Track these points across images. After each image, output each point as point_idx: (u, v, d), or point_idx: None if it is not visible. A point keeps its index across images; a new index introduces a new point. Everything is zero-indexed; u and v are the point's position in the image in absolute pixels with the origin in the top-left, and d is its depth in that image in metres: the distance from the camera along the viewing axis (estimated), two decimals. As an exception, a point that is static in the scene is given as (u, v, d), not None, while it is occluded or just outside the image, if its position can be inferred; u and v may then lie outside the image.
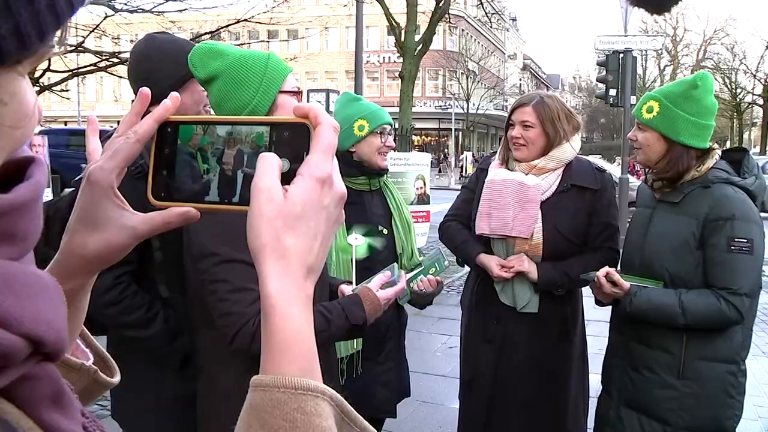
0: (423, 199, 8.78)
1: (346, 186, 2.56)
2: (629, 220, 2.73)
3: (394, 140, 10.80)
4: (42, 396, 0.48)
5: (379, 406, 2.68)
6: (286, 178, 0.64)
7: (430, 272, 2.57)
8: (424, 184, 8.86)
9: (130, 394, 2.24)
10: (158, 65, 2.17)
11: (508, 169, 2.81)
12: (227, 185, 0.69)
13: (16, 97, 0.47)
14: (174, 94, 0.72)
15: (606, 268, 2.48)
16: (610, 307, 2.66)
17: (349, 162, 2.61)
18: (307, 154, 0.65)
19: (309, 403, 0.57)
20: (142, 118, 0.73)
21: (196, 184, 0.70)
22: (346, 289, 2.25)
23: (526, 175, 2.74)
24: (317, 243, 0.64)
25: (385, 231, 2.72)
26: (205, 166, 0.69)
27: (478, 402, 2.87)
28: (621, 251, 2.74)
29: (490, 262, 2.78)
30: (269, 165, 0.64)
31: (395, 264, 2.47)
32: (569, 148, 2.72)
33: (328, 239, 0.65)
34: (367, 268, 2.54)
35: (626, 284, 2.40)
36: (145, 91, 0.73)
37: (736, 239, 2.28)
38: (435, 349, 6.19)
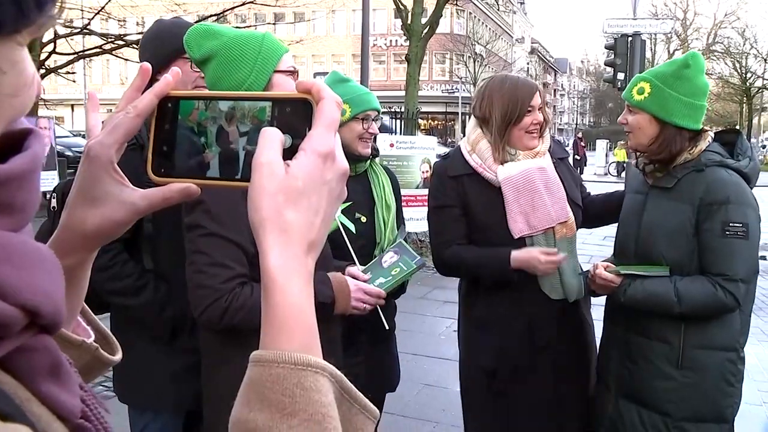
0: (429, 182, 8.78)
1: None
2: None
3: (401, 124, 10.68)
4: (39, 367, 0.48)
5: None
6: (289, 153, 0.63)
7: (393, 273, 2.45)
8: (430, 168, 8.86)
9: (128, 369, 2.29)
10: (145, 47, 2.27)
11: (504, 161, 2.60)
12: (229, 161, 0.68)
13: (15, 67, 0.48)
14: (175, 69, 0.71)
15: (604, 263, 2.46)
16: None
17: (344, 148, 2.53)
18: (309, 129, 0.64)
19: (309, 379, 0.57)
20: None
21: (197, 159, 0.69)
22: (355, 271, 2.21)
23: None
24: (318, 219, 0.63)
25: (363, 219, 2.60)
26: (206, 141, 0.69)
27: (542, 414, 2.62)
28: (615, 238, 2.67)
29: (530, 259, 2.47)
30: (271, 140, 0.63)
31: (402, 241, 2.43)
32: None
33: (329, 215, 0.65)
34: (342, 257, 2.42)
35: (611, 278, 2.39)
36: (146, 65, 0.72)
37: (731, 224, 2.23)
38: (439, 332, 6.21)
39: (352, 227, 2.47)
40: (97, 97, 0.77)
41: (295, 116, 0.66)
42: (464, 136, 2.75)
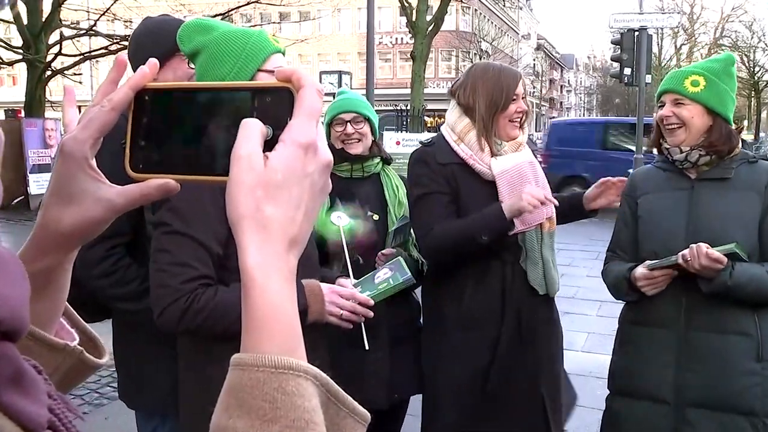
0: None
1: (333, 174, 2.43)
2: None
3: (406, 121, 10.72)
4: (0, 377, 0.45)
5: (366, 397, 2.46)
6: (270, 145, 0.61)
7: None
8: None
9: (134, 374, 2.28)
10: (143, 44, 2.23)
11: (495, 153, 2.54)
12: (208, 155, 0.65)
13: None
14: (152, 60, 0.68)
15: (704, 244, 2.23)
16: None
17: (331, 148, 2.56)
18: (290, 119, 0.61)
19: (290, 383, 0.54)
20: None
21: (176, 154, 0.66)
22: (345, 284, 2.07)
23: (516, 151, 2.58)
24: (300, 213, 0.60)
25: (376, 216, 2.60)
26: (185, 135, 0.66)
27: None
28: (641, 240, 2.50)
29: (522, 198, 2.32)
30: (250, 131, 0.60)
31: (400, 258, 2.32)
32: None
33: (312, 210, 0.62)
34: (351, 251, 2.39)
35: (723, 257, 2.21)
36: (121, 57, 0.69)
37: None
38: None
39: (344, 237, 2.37)
40: (74, 92, 0.75)
41: (276, 106, 0.63)
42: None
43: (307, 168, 0.60)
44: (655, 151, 2.58)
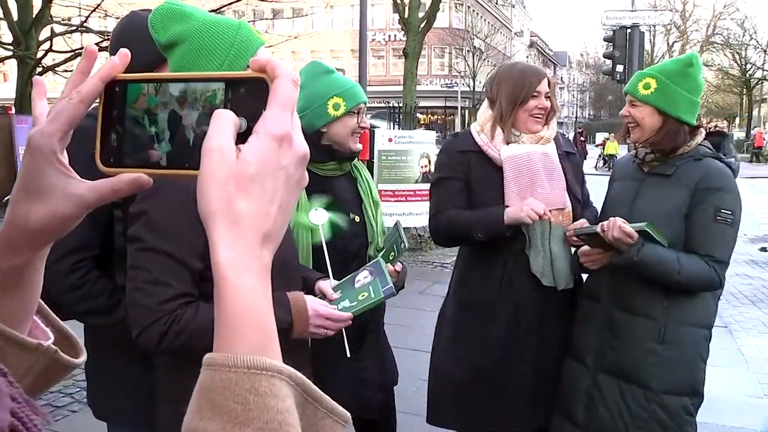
0: (428, 177, 8.67)
1: (313, 173, 2.36)
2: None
3: (398, 119, 10.61)
4: None
5: (364, 403, 2.46)
6: (244, 138, 0.58)
7: (390, 257, 2.36)
8: (429, 163, 8.78)
9: (102, 382, 2.21)
10: (136, 44, 2.02)
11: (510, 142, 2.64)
12: (181, 148, 0.63)
13: None
14: (123, 51, 0.66)
15: (619, 219, 2.42)
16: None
17: (317, 145, 2.37)
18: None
19: (263, 383, 0.52)
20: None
21: (148, 148, 0.64)
22: (326, 287, 2.03)
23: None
24: (275, 207, 0.58)
25: (357, 218, 2.50)
26: (157, 127, 0.64)
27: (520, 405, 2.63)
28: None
29: (522, 210, 2.46)
30: (222, 123, 0.58)
31: (380, 260, 2.22)
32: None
33: (288, 204, 0.60)
34: (341, 261, 2.32)
35: (635, 234, 2.40)
36: (91, 47, 0.67)
37: (722, 210, 2.41)
38: (439, 327, 6.15)
39: (323, 234, 2.29)
40: (44, 84, 0.72)
41: (251, 97, 0.61)
42: (463, 129, 2.83)
43: (282, 160, 0.58)
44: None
